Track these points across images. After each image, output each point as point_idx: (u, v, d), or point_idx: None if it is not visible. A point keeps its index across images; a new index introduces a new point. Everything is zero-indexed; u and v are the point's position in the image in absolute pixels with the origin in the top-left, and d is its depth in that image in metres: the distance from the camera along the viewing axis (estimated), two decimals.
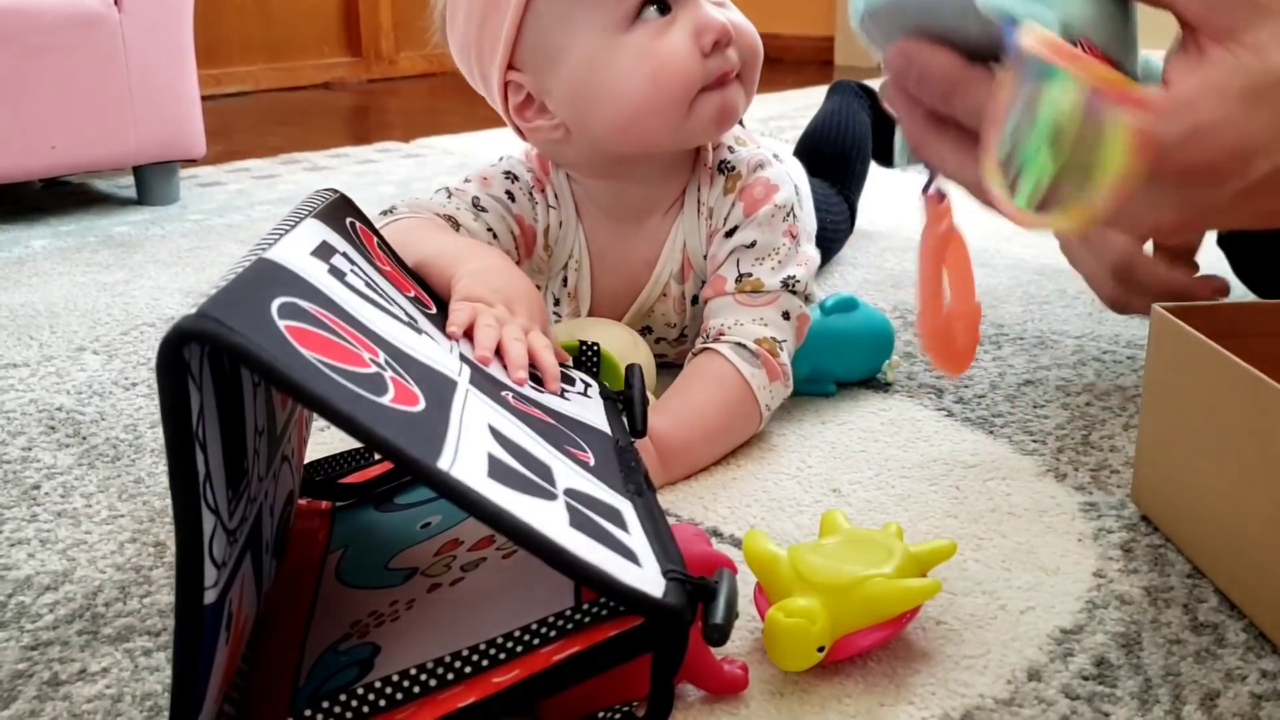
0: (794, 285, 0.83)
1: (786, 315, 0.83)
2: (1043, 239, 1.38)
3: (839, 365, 0.91)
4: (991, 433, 0.84)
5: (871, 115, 1.38)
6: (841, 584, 0.56)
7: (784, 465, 0.80)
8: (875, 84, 1.41)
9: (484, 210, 0.87)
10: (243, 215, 1.64)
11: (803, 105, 2.55)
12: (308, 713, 0.45)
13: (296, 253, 0.53)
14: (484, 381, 0.59)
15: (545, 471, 0.51)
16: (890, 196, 1.56)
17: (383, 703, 0.45)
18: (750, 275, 0.83)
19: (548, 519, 0.46)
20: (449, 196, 0.88)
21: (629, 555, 0.48)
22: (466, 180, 0.90)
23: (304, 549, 0.65)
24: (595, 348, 0.76)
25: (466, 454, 0.46)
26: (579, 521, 0.48)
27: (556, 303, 0.92)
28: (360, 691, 0.45)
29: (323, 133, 2.46)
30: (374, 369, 0.48)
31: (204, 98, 1.77)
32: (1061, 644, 0.59)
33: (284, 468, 0.60)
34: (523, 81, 0.84)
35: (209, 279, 1.31)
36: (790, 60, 3.57)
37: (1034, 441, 0.83)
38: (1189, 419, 0.65)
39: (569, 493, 0.50)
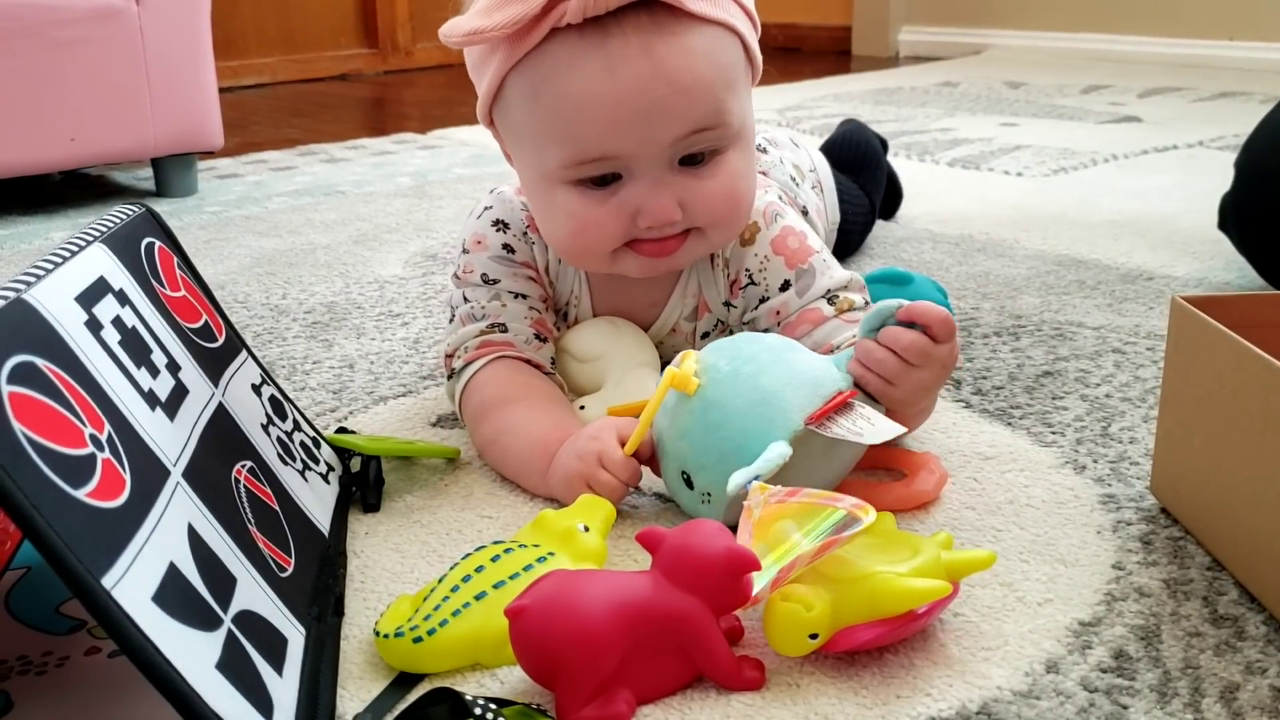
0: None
1: None
2: (1059, 231, 1.37)
3: None
4: (1010, 424, 0.84)
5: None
6: (847, 576, 0.56)
7: None
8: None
9: (496, 281, 0.85)
10: (260, 207, 1.65)
11: (820, 95, 2.54)
12: None
13: (60, 294, 0.51)
14: (211, 460, 0.57)
15: (227, 587, 0.50)
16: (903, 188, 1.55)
17: None
18: (837, 298, 0.83)
19: (193, 659, 0.44)
20: (465, 300, 0.85)
21: (264, 706, 0.47)
22: (465, 251, 0.87)
23: None
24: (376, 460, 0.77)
25: (142, 566, 0.44)
26: (230, 660, 0.46)
27: (556, 327, 0.89)
28: None
29: (340, 124, 2.46)
30: (89, 450, 0.46)
31: (221, 90, 1.77)
32: (1080, 636, 0.58)
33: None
34: (498, 140, 0.82)
35: (226, 270, 1.31)
36: (808, 50, 3.56)
37: (1053, 433, 0.82)
38: (1209, 411, 0.65)
39: (240, 617, 0.49)
